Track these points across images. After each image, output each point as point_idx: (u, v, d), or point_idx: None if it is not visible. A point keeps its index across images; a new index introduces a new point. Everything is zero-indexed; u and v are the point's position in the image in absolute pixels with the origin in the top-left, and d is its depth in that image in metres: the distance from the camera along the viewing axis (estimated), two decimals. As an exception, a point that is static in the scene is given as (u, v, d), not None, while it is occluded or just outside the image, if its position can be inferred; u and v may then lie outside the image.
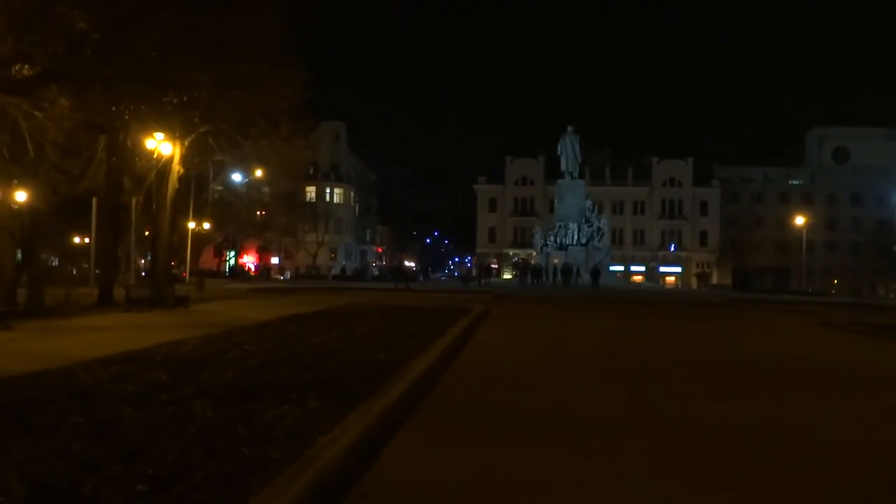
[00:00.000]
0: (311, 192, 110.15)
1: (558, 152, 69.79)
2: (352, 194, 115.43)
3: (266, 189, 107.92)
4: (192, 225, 45.29)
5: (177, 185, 23.59)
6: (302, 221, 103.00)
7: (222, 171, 25.84)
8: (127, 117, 20.34)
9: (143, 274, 48.43)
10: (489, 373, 10.62)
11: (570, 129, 69.49)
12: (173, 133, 23.02)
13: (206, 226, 53.47)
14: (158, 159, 23.38)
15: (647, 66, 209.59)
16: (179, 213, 40.48)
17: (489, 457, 5.90)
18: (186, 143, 23.40)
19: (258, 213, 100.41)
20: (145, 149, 23.02)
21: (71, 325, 15.86)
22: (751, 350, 14.90)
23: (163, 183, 23.79)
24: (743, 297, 37.90)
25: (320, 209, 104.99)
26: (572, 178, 69.41)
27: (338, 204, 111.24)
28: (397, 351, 11.38)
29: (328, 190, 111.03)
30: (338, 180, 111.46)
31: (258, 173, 74.44)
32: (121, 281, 24.85)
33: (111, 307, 20.70)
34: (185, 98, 20.58)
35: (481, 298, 32.26)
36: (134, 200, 25.16)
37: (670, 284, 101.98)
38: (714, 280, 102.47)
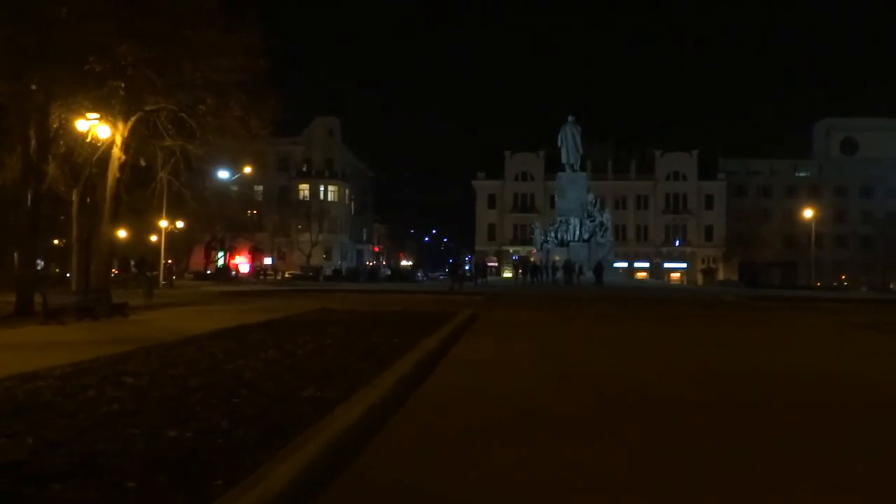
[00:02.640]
0: (304, 189, 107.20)
1: (558, 143, 66.56)
2: (347, 192, 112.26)
3: (260, 187, 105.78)
4: (164, 223, 42.13)
5: (118, 175, 20.37)
6: (295, 220, 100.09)
7: (178, 160, 22.19)
8: (34, 87, 17.19)
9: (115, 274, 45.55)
10: (455, 421, 7.25)
11: (570, 118, 66.23)
12: (113, 114, 19.87)
13: (180, 224, 50.02)
14: (96, 145, 20.18)
15: (650, 57, 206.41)
16: (149, 211, 37.42)
17: None
18: (129, 124, 20.20)
19: (249, 212, 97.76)
20: (76, 131, 19.83)
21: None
22: (813, 368, 11.52)
23: (105, 173, 20.61)
24: (759, 295, 34.77)
25: (314, 207, 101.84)
26: (573, 170, 66.17)
27: (332, 202, 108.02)
28: (333, 383, 8.28)
29: (322, 187, 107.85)
30: (332, 177, 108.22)
31: (247, 170, 72.48)
32: (59, 289, 21.73)
33: (28, 318, 17.62)
34: (111, 67, 17.48)
35: (474, 300, 29.20)
36: (74, 193, 21.83)
37: (675, 281, 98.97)
38: (720, 276, 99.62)
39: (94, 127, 19.49)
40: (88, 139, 19.66)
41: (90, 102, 19.03)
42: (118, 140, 20.22)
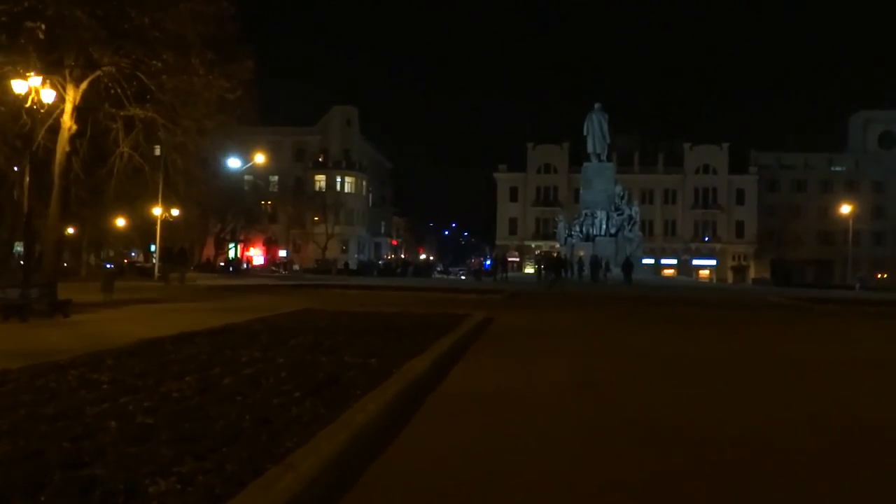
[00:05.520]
0: (320, 180, 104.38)
1: (584, 132, 62.74)
2: (364, 183, 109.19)
3: (275, 177, 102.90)
4: (157, 210, 38.82)
5: (67, 149, 17.21)
6: (311, 212, 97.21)
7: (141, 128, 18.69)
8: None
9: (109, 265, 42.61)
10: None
11: (597, 106, 62.39)
12: (62, 76, 16.73)
13: (175, 212, 46.78)
14: (44, 112, 16.90)
15: (680, 47, 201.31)
16: (143, 198, 34.27)
17: None
18: (80, 88, 17.03)
19: (263, 203, 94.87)
20: (13, 94, 16.52)
21: None
22: None
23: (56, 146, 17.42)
24: (808, 296, 31.00)
25: (330, 199, 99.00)
26: (600, 160, 62.36)
27: (349, 194, 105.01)
28: (216, 459, 4.91)
29: (339, 179, 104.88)
30: (349, 168, 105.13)
31: (258, 158, 69.35)
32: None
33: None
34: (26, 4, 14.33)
35: (490, 300, 25.82)
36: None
37: (703, 278, 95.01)
38: (752, 274, 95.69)
39: (35, 89, 16.30)
40: (29, 104, 16.41)
41: (25, 61, 15.89)
42: (68, 107, 17.05)
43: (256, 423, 5.83)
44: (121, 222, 55.77)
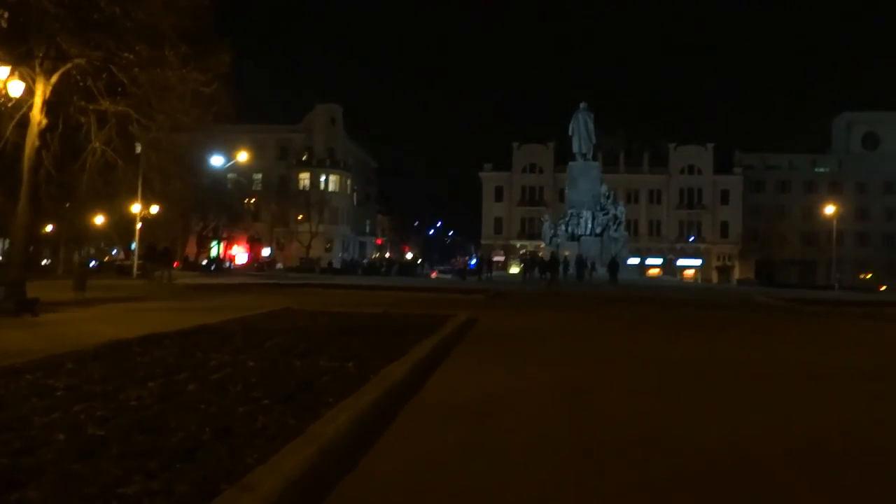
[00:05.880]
0: (304, 178, 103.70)
1: (570, 132, 62.46)
2: (349, 182, 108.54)
3: (259, 175, 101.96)
4: (136, 207, 38.02)
5: (37, 144, 16.62)
6: (295, 210, 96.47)
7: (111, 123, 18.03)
8: None
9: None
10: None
11: (582, 105, 62.14)
12: (31, 68, 16.15)
13: (155, 209, 46.02)
14: (8, 104, 16.30)
15: (665, 46, 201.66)
16: (118, 196, 33.56)
17: None
18: (52, 81, 16.45)
19: (246, 200, 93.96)
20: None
21: None
22: None
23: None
24: (797, 297, 30.77)
25: (314, 197, 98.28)
26: (585, 159, 62.07)
27: (333, 192, 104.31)
28: (165, 479, 4.44)
29: (323, 177, 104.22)
30: (334, 166, 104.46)
31: (242, 156, 68.53)
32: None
33: None
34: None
35: (474, 300, 25.40)
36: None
37: (688, 278, 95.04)
38: (736, 274, 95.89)
39: (2, 82, 15.72)
40: (-5, 98, 15.82)
41: (2, 53, 15.30)
42: (38, 101, 16.46)
43: (217, 435, 5.37)
44: (100, 220, 54.87)
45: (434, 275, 74.70)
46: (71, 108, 17.36)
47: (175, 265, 49.95)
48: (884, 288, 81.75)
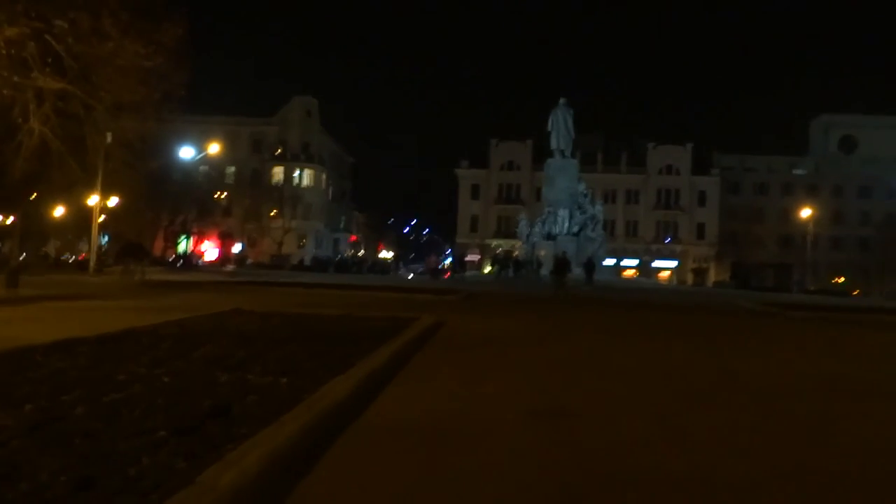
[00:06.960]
0: (278, 173, 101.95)
1: (549, 128, 61.22)
2: (324, 177, 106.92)
3: (231, 168, 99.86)
4: (94, 199, 36.14)
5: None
6: (268, 205, 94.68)
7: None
8: None
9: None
10: None
11: (562, 101, 60.95)
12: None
13: (114, 201, 44.20)
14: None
15: (644, 46, 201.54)
16: (79, 187, 31.90)
17: None
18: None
19: (217, 194, 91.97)
20: None
21: None
22: None
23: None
24: (777, 301, 29.82)
25: (287, 192, 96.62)
26: (563, 156, 60.89)
27: (308, 187, 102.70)
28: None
29: (297, 171, 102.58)
30: (308, 161, 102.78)
31: (213, 148, 66.55)
32: None
33: None
34: None
35: (445, 301, 24.12)
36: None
37: (663, 280, 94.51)
38: (712, 276, 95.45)
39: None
40: None
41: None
42: (-37, 75, 14.96)
43: (73, 488, 4.00)
44: (59, 212, 52.85)
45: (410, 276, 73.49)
46: (5, 85, 15.80)
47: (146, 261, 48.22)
48: (857, 293, 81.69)
